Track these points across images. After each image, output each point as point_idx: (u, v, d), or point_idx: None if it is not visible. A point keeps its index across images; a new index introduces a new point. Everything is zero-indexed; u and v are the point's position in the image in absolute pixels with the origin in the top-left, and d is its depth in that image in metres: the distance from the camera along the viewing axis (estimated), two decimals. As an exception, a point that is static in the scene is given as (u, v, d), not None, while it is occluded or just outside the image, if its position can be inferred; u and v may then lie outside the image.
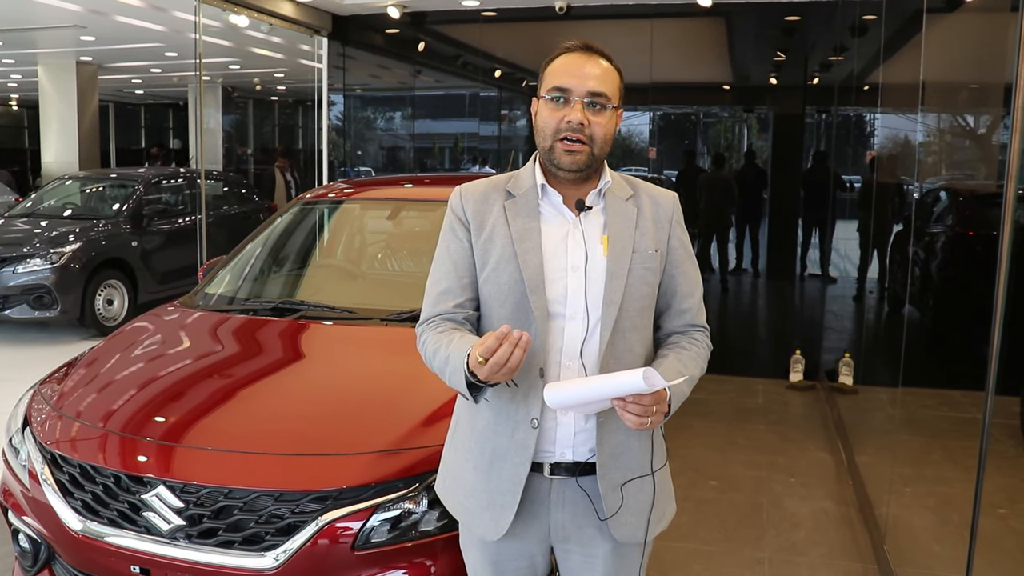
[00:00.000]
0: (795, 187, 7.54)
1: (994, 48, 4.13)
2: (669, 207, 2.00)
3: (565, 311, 1.87)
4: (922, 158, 5.41)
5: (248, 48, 12.05)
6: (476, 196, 1.97)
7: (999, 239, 2.53)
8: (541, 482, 1.92)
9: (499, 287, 1.89)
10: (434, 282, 1.98)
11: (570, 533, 1.94)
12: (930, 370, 5.49)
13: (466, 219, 1.95)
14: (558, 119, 1.86)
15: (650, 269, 1.92)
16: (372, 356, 3.31)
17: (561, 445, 1.90)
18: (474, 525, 1.97)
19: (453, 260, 1.95)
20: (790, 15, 7.07)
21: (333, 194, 4.54)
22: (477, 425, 1.95)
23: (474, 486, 1.95)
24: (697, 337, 2.00)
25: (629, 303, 1.88)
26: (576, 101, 1.86)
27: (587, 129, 1.85)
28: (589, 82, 1.86)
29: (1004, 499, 4.37)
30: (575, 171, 1.88)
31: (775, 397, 6.32)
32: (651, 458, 1.93)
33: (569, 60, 1.89)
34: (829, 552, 3.90)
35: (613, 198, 1.94)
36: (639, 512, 1.93)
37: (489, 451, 1.92)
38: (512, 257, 1.87)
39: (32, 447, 2.90)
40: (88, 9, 9.16)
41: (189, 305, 3.87)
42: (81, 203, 9.34)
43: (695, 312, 2.01)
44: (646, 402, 1.69)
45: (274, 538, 2.45)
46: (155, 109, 24.92)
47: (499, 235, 1.90)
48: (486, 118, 8.96)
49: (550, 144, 1.88)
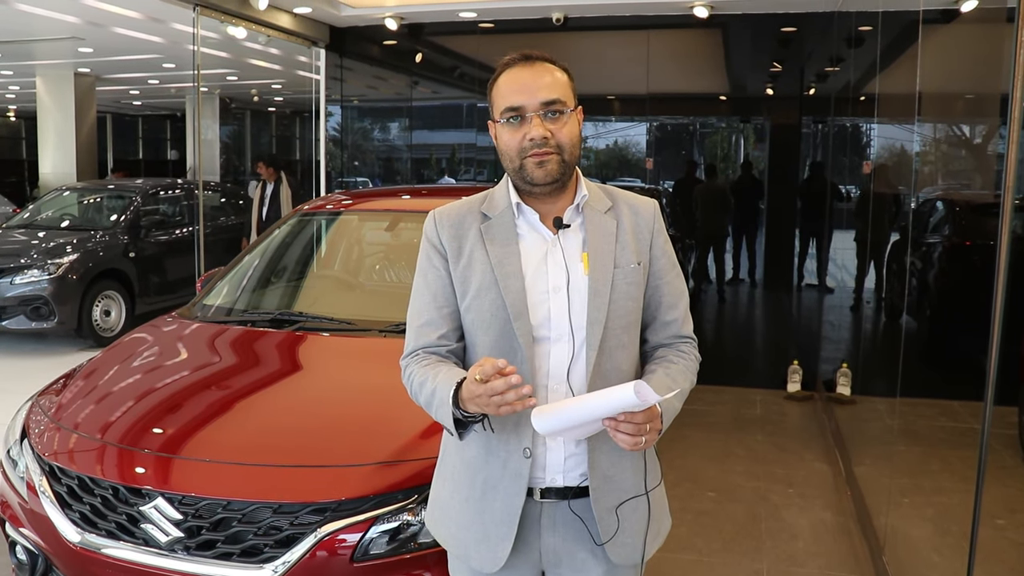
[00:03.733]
0: (792, 197, 7.56)
1: (990, 59, 4.15)
2: (649, 216, 1.94)
3: (550, 334, 1.82)
4: (919, 168, 5.43)
5: (246, 59, 12.08)
6: (451, 221, 1.91)
7: (996, 249, 2.53)
8: (532, 506, 1.87)
9: (481, 314, 1.84)
10: (414, 313, 1.93)
11: (561, 557, 1.89)
12: (928, 380, 5.48)
13: (442, 246, 1.90)
14: (519, 139, 1.81)
15: (633, 283, 1.86)
16: (370, 367, 3.31)
17: (552, 471, 1.85)
18: (470, 558, 1.91)
19: (432, 291, 1.90)
20: (786, 26, 7.10)
21: (331, 205, 4.54)
22: (466, 455, 1.90)
23: (467, 518, 1.90)
24: (684, 349, 1.94)
25: (614, 320, 1.83)
26: (532, 116, 1.80)
27: (552, 140, 1.80)
28: (539, 93, 1.80)
29: (1003, 510, 4.37)
30: (549, 183, 1.82)
31: (773, 407, 6.32)
32: (645, 477, 1.89)
33: (512, 76, 1.84)
34: (827, 563, 3.90)
35: (591, 212, 1.88)
36: (635, 533, 1.89)
37: (480, 482, 1.87)
38: (493, 283, 1.82)
39: (30, 459, 2.89)
40: (86, 21, 9.19)
41: (187, 316, 3.87)
42: (79, 214, 9.34)
43: (681, 323, 1.94)
44: (639, 420, 1.63)
45: (273, 550, 2.44)
46: (153, 120, 24.98)
47: (478, 261, 1.85)
48: (483, 129, 8.96)
49: (519, 164, 1.82)
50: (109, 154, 23.53)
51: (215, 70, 13.23)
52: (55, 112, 14.27)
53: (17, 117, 24.10)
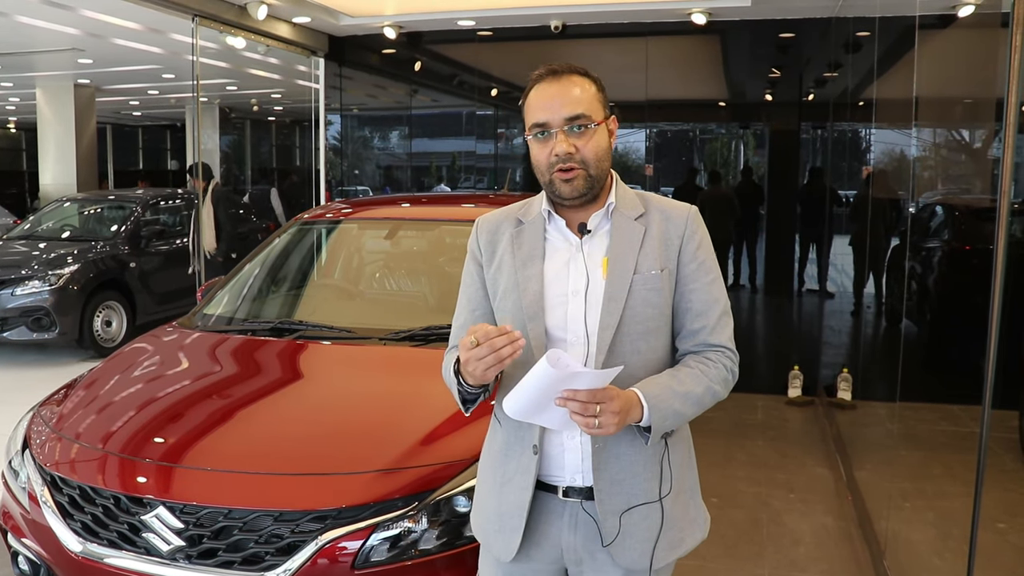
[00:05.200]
0: (792, 203, 7.57)
1: (986, 64, 4.16)
2: (681, 222, 1.93)
3: (567, 336, 1.85)
4: (917, 173, 5.44)
5: (245, 69, 12.10)
6: (489, 227, 2.00)
7: (994, 252, 2.54)
8: (556, 504, 1.90)
9: (504, 316, 1.91)
10: (456, 315, 2.04)
11: (582, 556, 1.92)
12: (928, 384, 5.48)
13: (479, 251, 1.99)
14: (546, 154, 1.85)
15: (653, 290, 1.85)
16: (370, 375, 3.32)
17: (571, 471, 1.88)
18: (491, 547, 1.99)
19: (467, 295, 2.01)
20: (784, 32, 7.12)
21: (331, 214, 4.55)
22: (493, 449, 2.00)
23: (489, 509, 1.98)
24: (711, 356, 1.90)
25: (629, 326, 1.83)
26: (557, 132, 1.83)
27: (576, 155, 1.83)
28: (563, 110, 1.83)
29: (1004, 513, 4.37)
30: (576, 197, 1.86)
31: (774, 413, 6.32)
32: (659, 484, 1.90)
33: (540, 92, 1.87)
34: (829, 568, 3.90)
35: (620, 218, 1.90)
36: (644, 539, 1.89)
37: (500, 475, 1.95)
38: (515, 286, 1.89)
39: (32, 469, 2.90)
40: (86, 32, 9.21)
41: (188, 326, 3.88)
42: (79, 225, 9.36)
43: (709, 331, 1.90)
44: (582, 397, 1.64)
45: (274, 558, 2.45)
46: (153, 131, 25.03)
47: (506, 264, 1.93)
48: (483, 137, 8.99)
49: (548, 178, 1.87)
50: (109, 165, 23.56)
51: (214, 80, 13.26)
52: (55, 123, 14.30)
53: (17, 129, 24.15)
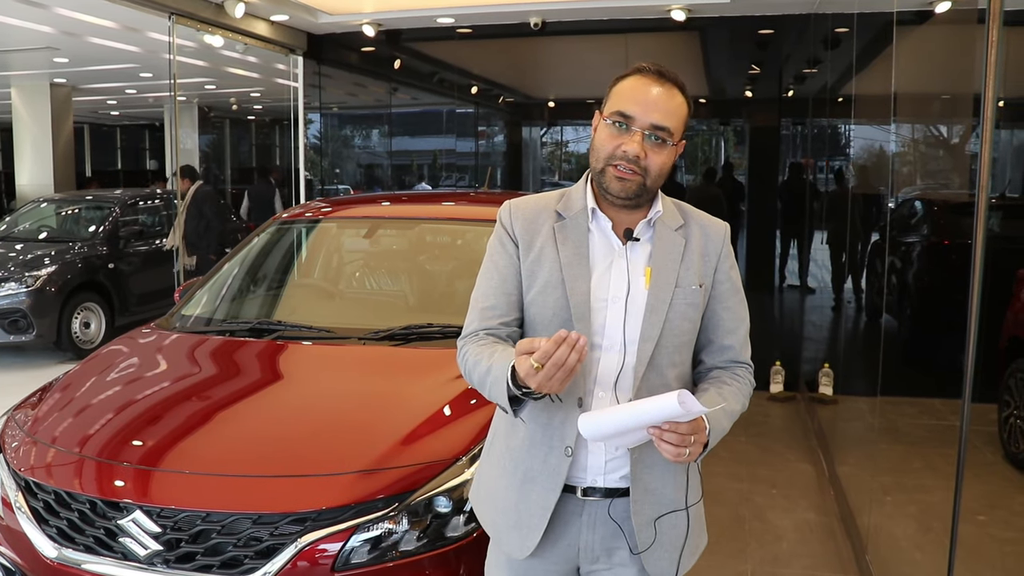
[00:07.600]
0: (772, 199, 7.59)
1: (963, 59, 4.18)
2: (719, 239, 1.94)
3: (603, 342, 1.83)
4: (896, 168, 5.47)
5: (223, 68, 12.01)
6: (526, 214, 1.92)
7: (972, 247, 2.55)
8: (575, 503, 1.89)
9: (544, 311, 1.85)
10: (480, 296, 1.93)
11: (599, 555, 1.91)
12: (908, 379, 5.52)
13: (515, 235, 1.91)
14: (614, 145, 1.81)
15: (692, 304, 1.86)
16: (350, 375, 3.29)
17: (592, 472, 1.87)
18: (502, 542, 1.95)
19: (502, 275, 1.91)
20: (763, 28, 7.13)
21: (310, 213, 4.52)
22: (512, 443, 1.93)
23: (505, 504, 1.93)
24: (740, 373, 1.95)
25: (668, 339, 1.84)
26: (637, 131, 1.79)
27: (643, 162, 1.79)
28: (654, 114, 1.79)
29: (984, 506, 4.39)
30: (624, 198, 1.83)
31: (756, 408, 6.31)
32: (686, 493, 1.90)
33: (638, 84, 1.82)
34: (812, 563, 3.91)
35: (663, 228, 1.89)
36: (672, 548, 1.90)
37: (522, 472, 1.90)
38: (560, 283, 1.84)
39: (5, 474, 2.85)
40: (60, 31, 9.11)
41: (165, 327, 3.83)
42: (56, 226, 9.26)
43: (739, 349, 1.95)
44: (683, 430, 1.65)
45: (253, 561, 2.42)
46: (131, 130, 24.84)
47: (547, 258, 1.87)
48: (463, 134, 8.98)
49: (602, 167, 1.83)
50: (87, 165, 23.35)
51: (193, 79, 13.14)
52: (31, 123, 14.15)
53: (-8, 129, 23.91)
